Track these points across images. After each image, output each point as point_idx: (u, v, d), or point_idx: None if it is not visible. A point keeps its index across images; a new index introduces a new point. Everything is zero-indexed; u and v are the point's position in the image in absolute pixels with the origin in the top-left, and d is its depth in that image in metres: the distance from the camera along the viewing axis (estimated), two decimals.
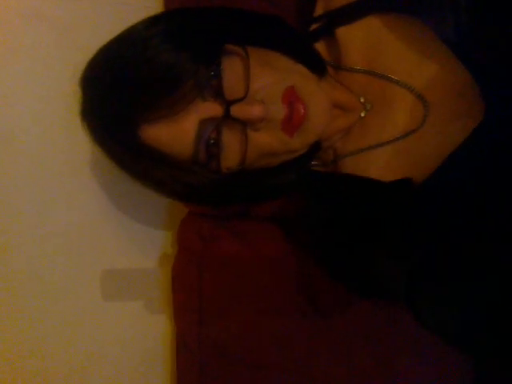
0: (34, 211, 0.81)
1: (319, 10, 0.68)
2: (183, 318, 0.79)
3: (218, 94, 0.54)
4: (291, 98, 0.56)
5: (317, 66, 0.63)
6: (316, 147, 0.63)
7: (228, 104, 0.54)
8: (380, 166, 0.64)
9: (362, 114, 0.65)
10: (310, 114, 0.57)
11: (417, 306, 0.56)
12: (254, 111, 0.54)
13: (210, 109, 0.54)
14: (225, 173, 0.58)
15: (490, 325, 0.54)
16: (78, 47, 0.76)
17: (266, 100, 0.55)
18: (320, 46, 0.69)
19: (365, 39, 0.64)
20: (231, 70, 0.55)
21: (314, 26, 0.69)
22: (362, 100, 0.65)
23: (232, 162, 0.58)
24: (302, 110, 0.56)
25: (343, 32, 0.65)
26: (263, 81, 0.56)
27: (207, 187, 0.59)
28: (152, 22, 0.58)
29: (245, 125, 0.56)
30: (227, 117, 0.54)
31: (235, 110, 0.54)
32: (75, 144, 0.78)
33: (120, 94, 0.55)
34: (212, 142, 0.56)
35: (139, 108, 0.55)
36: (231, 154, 0.57)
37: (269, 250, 0.75)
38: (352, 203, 0.64)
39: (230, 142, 0.56)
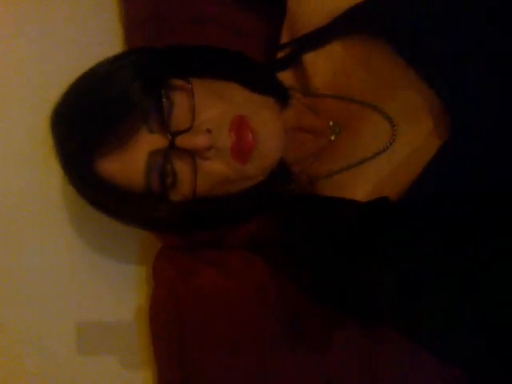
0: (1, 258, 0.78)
1: (285, 38, 0.70)
2: (165, 362, 0.76)
3: (164, 126, 0.56)
4: (239, 126, 0.58)
5: (277, 94, 0.65)
6: (283, 171, 0.64)
7: (173, 135, 0.56)
8: (355, 186, 0.64)
9: (332, 138, 0.66)
10: (260, 141, 0.58)
11: (404, 319, 0.56)
12: (198, 141, 0.55)
13: (156, 140, 0.56)
14: (180, 202, 0.59)
15: (479, 334, 0.54)
16: (42, 84, 0.79)
17: (213, 129, 0.57)
18: (288, 73, 0.70)
19: (331, 64, 0.66)
20: (179, 102, 0.57)
21: (281, 54, 0.70)
22: (330, 124, 0.66)
23: (185, 191, 0.59)
24: (250, 137, 0.58)
25: (310, 58, 0.66)
26: (211, 111, 0.58)
27: (165, 217, 0.60)
28: (114, 58, 0.61)
29: (193, 154, 0.57)
30: (173, 148, 0.56)
31: (180, 141, 0.56)
32: (44, 182, 0.78)
33: (78, 127, 0.57)
34: (163, 172, 0.57)
35: (93, 141, 0.56)
36: (184, 183, 0.58)
37: (249, 279, 0.74)
38: (330, 224, 0.64)
39: (182, 171, 0.58)
